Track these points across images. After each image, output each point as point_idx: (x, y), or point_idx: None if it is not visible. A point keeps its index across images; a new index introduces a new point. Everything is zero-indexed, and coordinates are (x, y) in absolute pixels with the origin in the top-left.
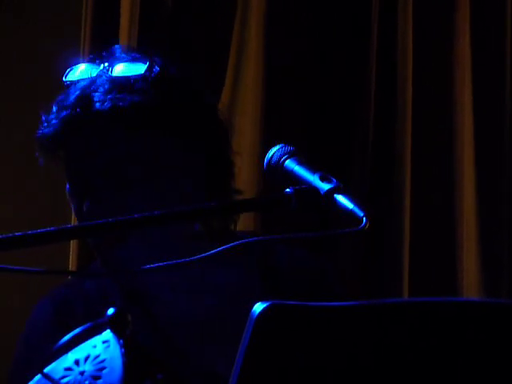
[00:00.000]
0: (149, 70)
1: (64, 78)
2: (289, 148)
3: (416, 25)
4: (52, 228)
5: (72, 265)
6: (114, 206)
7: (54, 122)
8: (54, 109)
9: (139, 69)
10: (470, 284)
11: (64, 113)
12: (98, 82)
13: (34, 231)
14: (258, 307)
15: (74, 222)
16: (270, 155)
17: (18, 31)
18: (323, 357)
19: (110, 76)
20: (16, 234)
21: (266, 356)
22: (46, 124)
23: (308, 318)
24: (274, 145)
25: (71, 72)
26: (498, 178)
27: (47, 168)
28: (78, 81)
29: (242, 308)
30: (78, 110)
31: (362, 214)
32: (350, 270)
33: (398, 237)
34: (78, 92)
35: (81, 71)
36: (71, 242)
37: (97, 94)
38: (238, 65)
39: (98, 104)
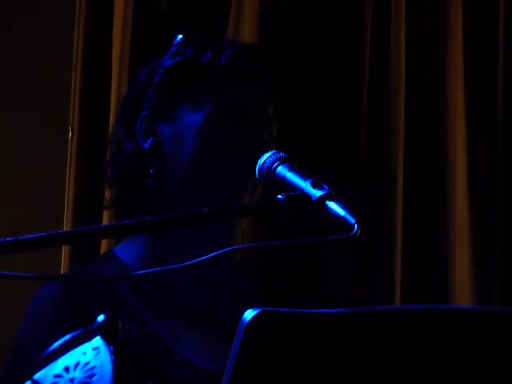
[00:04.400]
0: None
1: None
2: (280, 154)
3: (408, 28)
4: (44, 233)
5: (64, 270)
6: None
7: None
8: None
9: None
10: (463, 290)
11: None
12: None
13: (26, 236)
14: (249, 314)
15: (66, 227)
16: (262, 162)
17: (10, 31)
18: (313, 364)
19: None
20: (7, 239)
21: (257, 362)
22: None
23: (298, 325)
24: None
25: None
26: (491, 183)
27: (40, 174)
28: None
29: (235, 308)
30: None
31: (353, 221)
32: (342, 277)
33: (390, 242)
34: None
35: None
36: (63, 247)
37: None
38: None
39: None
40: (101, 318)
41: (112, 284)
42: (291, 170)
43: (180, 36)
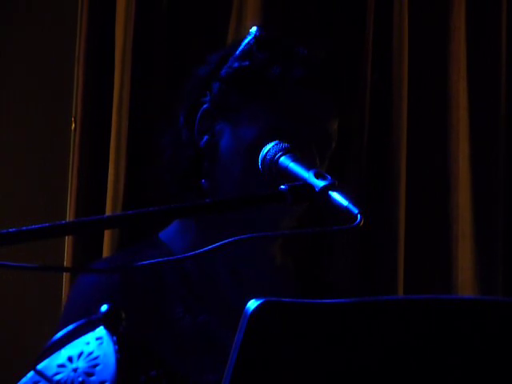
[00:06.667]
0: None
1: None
2: (283, 145)
3: (411, 21)
4: (47, 224)
5: (67, 261)
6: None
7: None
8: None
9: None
10: (465, 281)
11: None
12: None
13: (30, 227)
14: (252, 304)
15: (69, 218)
16: (265, 152)
17: (12, 28)
18: (317, 354)
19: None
20: (10, 229)
21: (260, 352)
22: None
23: (302, 315)
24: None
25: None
26: (494, 175)
27: (43, 165)
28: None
29: None
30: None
31: (356, 211)
32: (345, 268)
33: (393, 234)
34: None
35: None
36: (66, 238)
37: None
38: None
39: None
40: (104, 307)
41: (161, 272)
42: (294, 160)
43: (255, 29)
